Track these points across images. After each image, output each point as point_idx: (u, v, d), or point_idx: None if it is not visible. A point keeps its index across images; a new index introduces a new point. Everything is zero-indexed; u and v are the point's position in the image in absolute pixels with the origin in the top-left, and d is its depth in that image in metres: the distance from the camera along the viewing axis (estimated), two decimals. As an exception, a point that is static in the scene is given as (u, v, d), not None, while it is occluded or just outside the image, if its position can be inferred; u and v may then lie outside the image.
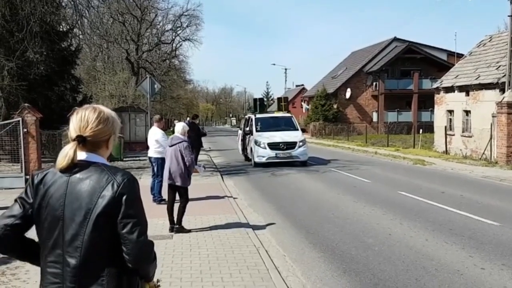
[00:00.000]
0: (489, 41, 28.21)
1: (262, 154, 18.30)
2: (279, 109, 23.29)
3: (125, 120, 24.89)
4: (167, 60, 47.18)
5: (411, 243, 7.54)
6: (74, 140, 2.25)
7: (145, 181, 12.50)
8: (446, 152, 26.00)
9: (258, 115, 21.01)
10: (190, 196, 8.42)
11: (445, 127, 26.83)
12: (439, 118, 28.16)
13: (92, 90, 33.49)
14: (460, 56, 38.99)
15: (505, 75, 21.30)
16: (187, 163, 8.13)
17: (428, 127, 32.01)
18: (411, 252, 7.07)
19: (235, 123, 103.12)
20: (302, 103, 58.71)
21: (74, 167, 2.22)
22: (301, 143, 18.65)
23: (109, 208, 2.15)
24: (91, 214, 2.15)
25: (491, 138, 21.22)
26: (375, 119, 45.46)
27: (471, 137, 24.53)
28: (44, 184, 2.26)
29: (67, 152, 2.22)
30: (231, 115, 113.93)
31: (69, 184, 2.21)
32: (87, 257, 2.15)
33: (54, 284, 2.20)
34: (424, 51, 44.70)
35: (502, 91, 21.28)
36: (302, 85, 75.57)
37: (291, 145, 18.48)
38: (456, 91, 26.25)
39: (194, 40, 47.55)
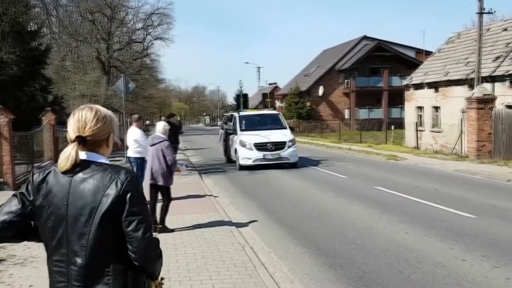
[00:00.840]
0: (457, 38, 28.93)
1: (248, 155, 16.83)
2: (265, 105, 22.32)
3: (98, 120, 24.52)
4: (138, 59, 46.60)
5: (391, 237, 7.72)
6: (74, 141, 2.24)
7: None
8: (417, 147, 26.57)
9: (242, 113, 19.41)
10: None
11: (415, 123, 27.41)
12: (409, 114, 28.75)
13: (62, 90, 32.85)
14: (428, 53, 39.88)
15: (473, 71, 21.90)
16: (169, 162, 8.11)
17: (399, 123, 32.64)
18: (392, 245, 7.24)
19: (209, 122, 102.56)
20: (276, 101, 58.94)
21: (75, 167, 2.22)
22: (290, 143, 17.16)
23: (113, 206, 2.15)
24: (95, 213, 2.15)
25: (461, 133, 21.79)
26: (347, 116, 46.07)
27: (440, 132, 25.14)
28: (47, 183, 2.26)
29: (69, 154, 2.21)
30: (204, 114, 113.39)
31: (72, 183, 2.21)
32: (93, 256, 2.16)
33: (60, 283, 2.21)
34: (393, 49, 45.56)
35: (471, 87, 21.87)
36: (275, 83, 75.88)
37: (279, 145, 17.00)
38: (425, 88, 26.85)
39: (166, 39, 47.11)
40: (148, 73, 52.22)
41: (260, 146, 16.92)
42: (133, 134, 10.95)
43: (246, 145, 16.98)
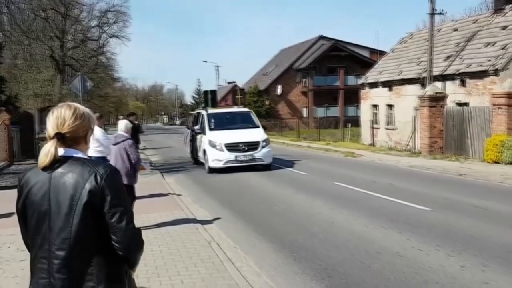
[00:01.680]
0: (410, 38, 29.95)
1: (219, 157, 15.52)
2: (234, 103, 21.01)
3: (54, 120, 24.03)
4: (94, 57, 45.64)
5: (352, 230, 8.01)
6: (53, 137, 2.31)
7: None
8: (373, 144, 27.37)
9: (211, 111, 17.92)
10: (133, 195, 8.40)
11: (371, 121, 28.21)
12: (365, 112, 29.57)
13: (14, 89, 31.79)
14: (382, 53, 41.01)
15: (426, 70, 22.76)
16: (133, 161, 8.10)
17: (355, 121, 33.46)
18: (353, 237, 7.52)
19: (167, 121, 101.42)
20: (237, 96, 59.09)
21: (55, 163, 2.28)
22: (264, 143, 15.96)
23: (93, 198, 2.22)
24: (76, 206, 2.22)
25: (414, 130, 22.61)
26: (305, 114, 46.77)
27: (395, 129, 26.00)
28: (27, 183, 2.33)
29: (48, 150, 2.28)
30: (162, 113, 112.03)
31: (52, 179, 2.28)
32: (76, 248, 2.23)
33: (43, 279, 2.27)
34: (349, 49, 46.59)
35: (423, 85, 22.72)
36: (234, 82, 75.91)
37: (253, 145, 15.76)
38: (380, 87, 27.69)
39: (122, 36, 46.30)
40: (104, 72, 51.20)
41: (231, 147, 15.63)
42: (94, 133, 10.83)
43: (216, 146, 15.70)
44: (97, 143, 10.77)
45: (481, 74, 20.24)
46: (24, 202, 2.33)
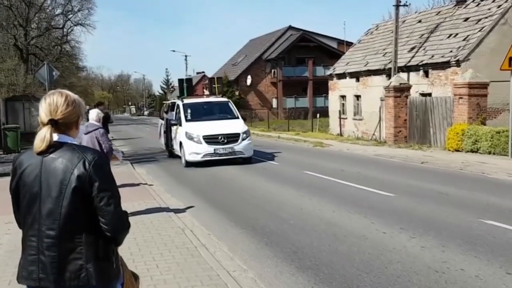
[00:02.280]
0: (376, 29, 30.55)
1: (197, 150, 14.70)
2: (211, 92, 19.04)
3: (19, 110, 23.56)
4: (58, 46, 44.73)
5: (320, 215, 8.34)
6: (46, 124, 2.47)
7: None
8: (341, 134, 27.93)
9: (187, 100, 16.83)
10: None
11: (339, 111, 28.76)
12: (333, 103, 30.08)
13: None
14: (349, 44, 41.64)
15: (391, 61, 23.35)
16: (105, 150, 8.17)
17: (323, 112, 33.98)
18: (321, 222, 7.85)
19: (135, 112, 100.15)
20: (204, 90, 58.95)
21: (49, 148, 2.45)
22: (244, 135, 15.16)
23: (82, 183, 2.39)
24: (66, 189, 2.39)
25: (380, 120, 23.22)
26: (275, 105, 47.12)
27: (361, 120, 26.59)
28: (21, 165, 2.51)
29: (44, 135, 2.44)
30: (130, 103, 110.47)
31: (43, 163, 2.45)
32: (65, 228, 2.40)
33: (31, 255, 2.45)
34: (317, 39, 47.04)
35: (389, 76, 23.31)
36: (203, 72, 75.62)
37: (232, 137, 14.92)
38: (347, 77, 28.21)
39: (87, 25, 45.54)
40: (68, 61, 50.18)
41: (210, 139, 14.79)
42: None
43: (194, 138, 14.83)
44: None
45: (443, 65, 20.90)
46: (17, 183, 2.50)
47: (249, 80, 45.89)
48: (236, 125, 15.58)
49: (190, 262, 5.96)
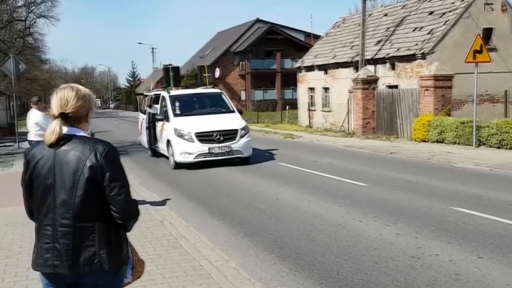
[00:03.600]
0: (343, 23, 30.94)
1: (188, 149, 12.76)
2: (202, 83, 16.75)
3: (-18, 104, 22.94)
4: (20, 39, 43.44)
5: (297, 205, 8.50)
6: (57, 117, 2.56)
7: (20, 167, 11.92)
8: (310, 126, 28.26)
9: (174, 92, 14.74)
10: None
11: (308, 103, 29.07)
12: (302, 95, 30.37)
13: None
14: (316, 37, 42.06)
15: (358, 54, 23.73)
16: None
17: (291, 104, 34.26)
18: (298, 212, 8.01)
19: (100, 105, 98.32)
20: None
21: (60, 140, 2.53)
22: (243, 132, 13.30)
23: (94, 173, 2.50)
24: (79, 180, 2.50)
25: (348, 112, 23.60)
26: (243, 97, 47.21)
27: (330, 111, 26.95)
28: (33, 158, 2.60)
29: (54, 128, 2.54)
30: (95, 97, 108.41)
31: (56, 156, 2.55)
32: (79, 217, 2.50)
33: (47, 244, 2.55)
34: (285, 32, 47.31)
35: (356, 69, 23.69)
36: (171, 64, 74.79)
37: (230, 135, 13.05)
38: (316, 70, 28.51)
39: (50, 16, 44.33)
40: (31, 53, 48.89)
41: (204, 137, 12.87)
42: (34, 117, 10.61)
43: (184, 136, 12.89)
44: (37, 127, 10.59)
45: (409, 58, 21.38)
46: (31, 175, 2.58)
47: (217, 73, 45.70)
48: (232, 120, 13.67)
49: (172, 254, 6.00)
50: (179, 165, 13.00)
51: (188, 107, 14.30)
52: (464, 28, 20.31)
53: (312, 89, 29.15)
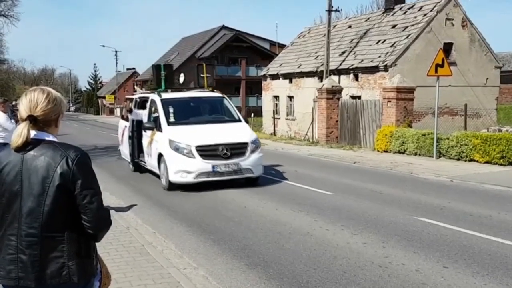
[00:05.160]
0: (308, 33, 31.34)
1: (187, 167, 10.23)
2: (199, 85, 13.62)
3: None
4: (-23, 37, 41.94)
5: (264, 213, 8.49)
6: (25, 119, 2.42)
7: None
8: (274, 134, 28.40)
9: (166, 95, 11.98)
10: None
11: (273, 111, 29.23)
12: (267, 103, 30.52)
13: None
14: (281, 46, 42.48)
15: (323, 64, 24.07)
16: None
17: (256, 111, 34.36)
18: (266, 220, 8.00)
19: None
20: (136, 87, 57.67)
21: (27, 145, 2.40)
22: (253, 146, 10.89)
23: (65, 181, 2.38)
24: (49, 187, 2.37)
25: (312, 121, 23.86)
26: (207, 103, 47.02)
27: (294, 120, 27.20)
28: None
29: (21, 131, 2.40)
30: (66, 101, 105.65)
31: (24, 161, 2.41)
32: (47, 226, 2.37)
33: (10, 254, 2.40)
34: (250, 40, 47.52)
35: (321, 78, 24.02)
36: (134, 68, 73.85)
37: (238, 149, 10.61)
38: (281, 79, 28.73)
39: (10, 16, 43.01)
40: (-11, 53, 47.23)
41: (206, 151, 10.38)
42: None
43: (183, 150, 10.37)
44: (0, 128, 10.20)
45: (372, 70, 21.86)
46: None
47: (182, 78, 45.36)
48: (240, 131, 11.27)
49: (139, 261, 5.87)
50: (173, 186, 10.47)
51: (185, 114, 11.72)
52: (425, 42, 20.95)
53: (276, 97, 29.34)
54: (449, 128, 17.81)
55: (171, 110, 11.45)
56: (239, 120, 11.86)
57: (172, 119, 11.28)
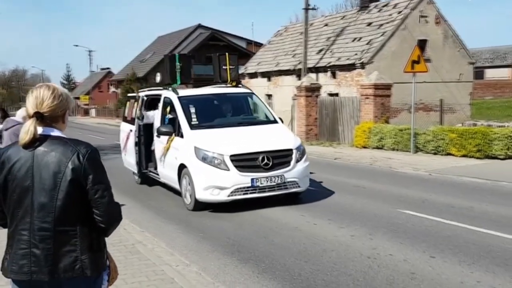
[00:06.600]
0: (285, 31, 31.54)
1: (220, 181, 8.26)
2: (221, 79, 10.93)
3: None
4: None
5: (252, 209, 8.50)
6: (32, 116, 2.45)
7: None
8: (253, 132, 28.49)
9: (184, 92, 10.16)
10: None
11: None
12: (245, 101, 30.62)
13: None
14: (258, 44, 42.55)
15: (300, 62, 24.27)
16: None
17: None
18: (255, 216, 8.08)
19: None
20: (110, 87, 57.03)
21: (35, 141, 2.43)
22: (298, 154, 8.96)
23: (77, 175, 2.42)
24: (61, 182, 2.40)
25: (291, 119, 24.03)
26: (183, 103, 46.80)
27: (273, 118, 27.33)
28: (9, 160, 2.46)
29: (28, 128, 2.43)
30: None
31: (35, 157, 2.44)
32: (60, 221, 2.41)
33: (22, 249, 2.42)
34: (226, 39, 47.41)
35: (299, 76, 24.22)
36: (108, 68, 72.91)
37: (281, 157, 8.68)
38: (259, 77, 28.85)
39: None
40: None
41: (243, 161, 8.45)
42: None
43: (213, 160, 8.39)
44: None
45: (349, 67, 22.17)
46: (5, 178, 2.44)
47: (158, 77, 44.93)
48: (281, 135, 9.39)
49: (131, 259, 5.88)
50: (201, 205, 8.54)
51: (209, 114, 9.76)
52: (401, 39, 21.34)
53: (255, 95, 29.43)
54: (425, 123, 18.17)
55: (192, 110, 9.44)
56: (275, 121, 9.91)
57: (195, 121, 9.26)
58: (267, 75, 27.98)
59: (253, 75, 29.46)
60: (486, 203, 8.57)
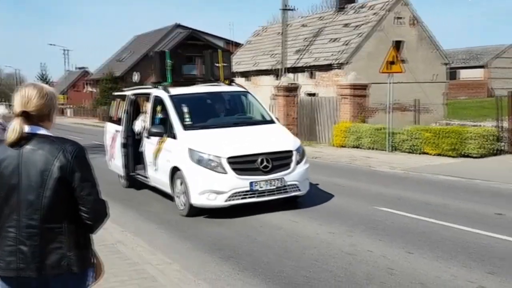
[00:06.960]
0: (264, 31, 31.67)
1: (218, 185, 7.80)
2: (213, 76, 10.34)
3: None
4: None
5: (232, 208, 8.46)
6: (19, 115, 2.46)
7: None
8: (232, 132, 28.52)
9: (176, 91, 9.40)
10: None
11: (230, 109, 29.35)
12: (224, 101, 30.64)
13: None
14: (236, 44, 42.55)
15: (278, 62, 24.42)
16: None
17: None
18: (236, 215, 8.06)
19: (8, 110, 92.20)
20: (87, 86, 56.35)
21: (22, 140, 2.45)
22: (298, 154, 8.66)
23: (64, 173, 2.44)
24: (48, 180, 2.43)
25: (270, 118, 24.15)
26: (161, 102, 46.52)
27: (252, 118, 27.42)
28: None
29: (14, 127, 2.45)
30: (2, 100, 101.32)
31: (22, 155, 2.46)
32: (47, 218, 2.43)
33: (10, 246, 2.44)
34: (205, 38, 47.26)
35: (277, 76, 24.36)
36: (85, 67, 71.92)
37: (281, 159, 8.29)
38: (238, 77, 28.85)
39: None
40: None
41: (241, 164, 7.99)
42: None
43: (209, 163, 7.91)
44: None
45: (327, 67, 22.43)
46: None
47: (136, 77, 44.59)
48: (280, 136, 9.02)
49: (112, 259, 5.85)
50: (195, 211, 8.05)
51: (203, 114, 9.31)
52: (377, 41, 21.66)
53: (233, 95, 29.46)
54: (401, 123, 18.45)
55: (185, 109, 8.91)
56: (272, 121, 9.50)
57: (188, 122, 8.75)
58: (246, 74, 28.07)
59: (232, 75, 29.46)
60: (460, 200, 8.79)
